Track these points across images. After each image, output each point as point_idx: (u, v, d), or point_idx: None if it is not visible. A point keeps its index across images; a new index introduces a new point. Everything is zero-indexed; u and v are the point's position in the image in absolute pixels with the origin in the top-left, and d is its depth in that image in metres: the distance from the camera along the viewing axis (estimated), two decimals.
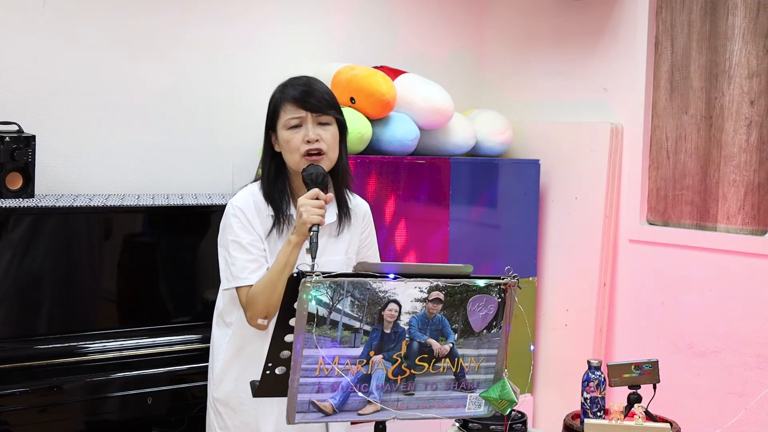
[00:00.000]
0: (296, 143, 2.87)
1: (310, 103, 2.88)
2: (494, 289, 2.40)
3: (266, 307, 2.82)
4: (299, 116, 2.89)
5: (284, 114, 2.91)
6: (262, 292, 2.82)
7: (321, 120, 2.90)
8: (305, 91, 2.91)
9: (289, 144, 2.89)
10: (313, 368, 2.24)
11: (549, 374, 4.91)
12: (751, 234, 4.27)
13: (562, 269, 4.87)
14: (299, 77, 2.99)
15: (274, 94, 2.98)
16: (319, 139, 2.87)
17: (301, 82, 2.95)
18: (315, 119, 2.89)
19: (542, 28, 5.05)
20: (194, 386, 3.66)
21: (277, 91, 2.97)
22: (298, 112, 2.89)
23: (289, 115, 2.90)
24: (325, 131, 2.90)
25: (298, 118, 2.89)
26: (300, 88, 2.92)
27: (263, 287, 2.82)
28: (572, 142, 4.83)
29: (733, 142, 4.33)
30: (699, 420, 4.15)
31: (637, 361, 3.69)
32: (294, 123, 2.89)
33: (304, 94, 2.90)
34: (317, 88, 2.93)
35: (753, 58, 4.24)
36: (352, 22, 4.81)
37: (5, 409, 3.30)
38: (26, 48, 3.87)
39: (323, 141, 2.88)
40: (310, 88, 2.92)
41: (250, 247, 2.89)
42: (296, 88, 2.92)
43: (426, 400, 2.40)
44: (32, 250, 3.53)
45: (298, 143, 2.87)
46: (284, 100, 2.92)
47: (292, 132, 2.89)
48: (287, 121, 2.90)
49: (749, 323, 4.20)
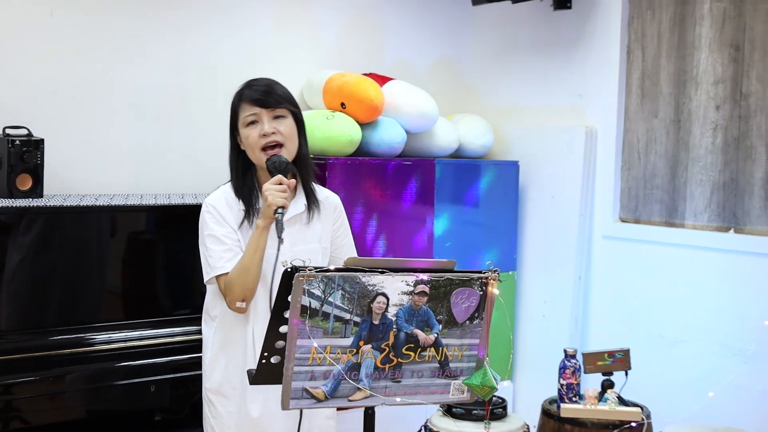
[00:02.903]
0: (254, 138, 2.91)
1: (263, 100, 2.92)
2: (476, 282, 2.40)
3: (243, 290, 2.86)
4: (254, 113, 2.92)
5: (242, 113, 2.95)
6: (237, 277, 2.86)
7: (276, 114, 2.93)
8: (259, 90, 2.95)
9: (248, 140, 2.93)
10: (306, 357, 2.24)
11: (528, 362, 4.92)
12: (716, 231, 4.28)
13: (540, 264, 4.88)
14: (255, 79, 3.03)
15: (234, 96, 3.01)
16: (275, 131, 2.91)
17: (255, 83, 2.99)
18: (270, 114, 2.92)
19: (521, 38, 5.05)
20: (194, 375, 3.64)
21: (235, 93, 3.01)
22: (253, 110, 2.92)
23: (245, 113, 2.94)
24: (281, 124, 2.93)
25: (253, 114, 2.92)
26: (254, 88, 2.96)
27: (238, 272, 2.86)
28: (549, 145, 4.83)
29: (700, 144, 4.34)
30: (668, 405, 4.15)
31: (610, 349, 3.70)
32: (250, 120, 2.92)
33: (257, 93, 2.94)
34: (270, 86, 2.97)
35: (718, 65, 4.25)
36: (342, 32, 4.80)
37: (17, 396, 3.30)
38: (35, 57, 3.86)
39: (279, 133, 2.91)
40: (263, 87, 2.96)
41: (224, 239, 2.92)
42: (251, 88, 2.96)
43: (412, 387, 2.40)
44: (42, 248, 3.52)
45: (255, 138, 2.90)
46: (241, 101, 2.96)
47: (249, 129, 2.93)
48: (244, 118, 2.94)
49: (715, 315, 4.21)
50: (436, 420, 3.71)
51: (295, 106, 3.00)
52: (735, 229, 4.22)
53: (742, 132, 4.18)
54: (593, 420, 3.58)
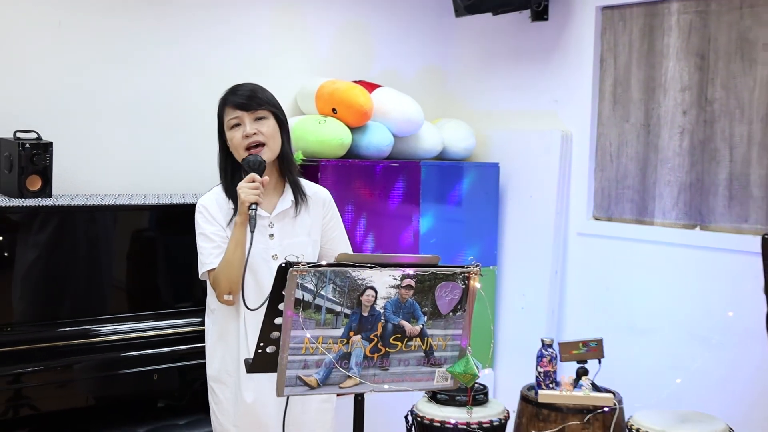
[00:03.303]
0: (238, 140, 2.91)
1: (244, 104, 2.92)
2: (459, 276, 2.41)
3: (228, 283, 2.87)
4: (237, 116, 2.92)
5: (226, 116, 2.95)
6: (221, 271, 2.88)
7: (257, 115, 2.93)
8: (240, 94, 2.94)
9: (232, 142, 2.93)
10: (300, 347, 2.25)
11: (507, 351, 4.92)
12: (684, 228, 4.29)
13: (519, 259, 4.89)
14: (238, 84, 3.02)
15: (219, 100, 3.00)
16: (256, 132, 2.90)
17: (238, 88, 2.98)
18: (251, 116, 2.92)
19: (501, 47, 5.06)
20: (195, 364, 3.65)
21: (220, 99, 3.00)
22: (235, 113, 2.92)
23: (228, 117, 2.94)
24: (262, 125, 2.92)
25: (236, 118, 2.92)
26: (237, 93, 2.96)
27: (222, 266, 2.88)
28: (528, 148, 4.83)
29: (668, 147, 4.35)
30: (639, 391, 4.17)
31: (584, 339, 3.71)
32: (234, 123, 2.93)
33: (239, 97, 2.94)
34: (251, 90, 2.97)
35: (685, 73, 4.27)
36: (334, 42, 4.80)
37: (28, 384, 3.29)
38: (44, 65, 3.85)
39: (261, 134, 2.91)
40: (245, 91, 2.96)
41: (213, 236, 2.94)
42: (234, 93, 2.96)
43: (399, 375, 2.41)
44: (51, 245, 3.51)
45: (239, 140, 2.91)
46: (224, 105, 2.97)
47: (233, 131, 2.93)
48: (228, 121, 2.94)
49: (682, 306, 4.23)
50: (421, 406, 3.72)
51: (276, 107, 3.00)
52: (701, 226, 4.24)
53: (707, 136, 4.20)
54: (569, 405, 3.59)
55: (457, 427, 3.59)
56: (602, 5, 4.56)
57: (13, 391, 3.27)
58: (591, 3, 4.59)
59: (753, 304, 3.61)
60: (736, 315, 4.00)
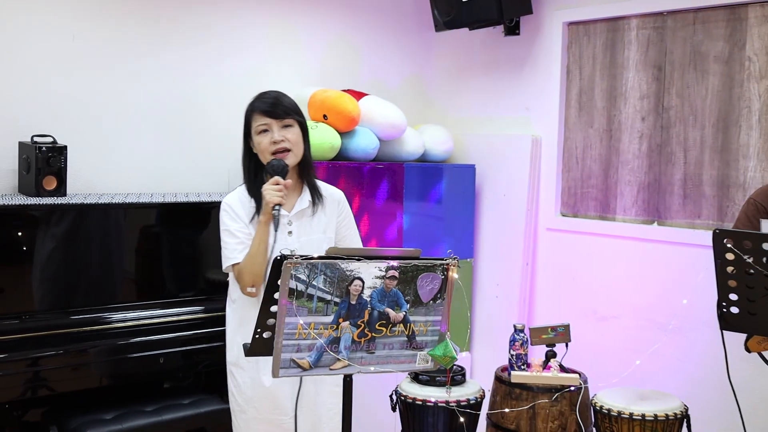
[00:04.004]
0: (265, 145, 2.89)
1: (273, 112, 2.89)
2: (439, 268, 2.41)
3: (251, 276, 2.84)
4: (265, 123, 2.89)
5: (254, 122, 2.92)
6: (245, 265, 2.85)
7: (285, 123, 2.90)
8: (270, 103, 2.91)
9: (260, 146, 2.91)
10: (293, 332, 2.24)
11: (483, 336, 4.93)
12: (642, 223, 4.31)
13: (493, 252, 4.89)
14: (267, 92, 2.99)
15: (247, 107, 2.97)
16: (283, 139, 2.88)
17: (267, 96, 2.95)
18: (279, 124, 2.89)
19: (477, 59, 5.06)
20: (198, 348, 3.65)
21: (249, 104, 2.97)
22: (264, 120, 2.89)
23: (257, 123, 2.91)
24: (289, 132, 2.90)
25: (264, 124, 2.89)
26: (266, 101, 2.93)
27: (246, 261, 2.85)
28: (501, 151, 4.84)
29: (628, 150, 4.36)
30: (602, 371, 4.18)
31: (553, 324, 3.72)
32: (262, 128, 2.90)
33: (269, 105, 2.91)
34: (280, 99, 2.94)
35: (644, 83, 4.28)
36: (324, 54, 4.79)
37: (46, 367, 3.28)
38: (59, 75, 3.83)
39: (287, 141, 2.89)
40: (274, 100, 2.93)
41: (237, 233, 2.91)
42: (263, 100, 2.93)
43: (384, 358, 2.40)
44: (66, 239, 3.49)
45: (266, 145, 2.88)
46: (254, 111, 2.94)
47: (261, 136, 2.90)
48: (257, 127, 2.91)
49: (642, 294, 4.25)
50: (405, 385, 3.72)
51: (301, 116, 2.97)
52: (658, 222, 4.25)
53: (664, 140, 4.21)
54: (539, 385, 3.60)
55: (437, 405, 3.59)
56: (568, 21, 4.57)
57: (32, 373, 3.26)
58: (558, 19, 4.59)
59: (705, 293, 3.63)
60: (689, 303, 4.01)
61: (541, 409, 3.56)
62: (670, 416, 3.46)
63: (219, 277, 3.91)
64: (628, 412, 3.46)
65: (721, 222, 4.01)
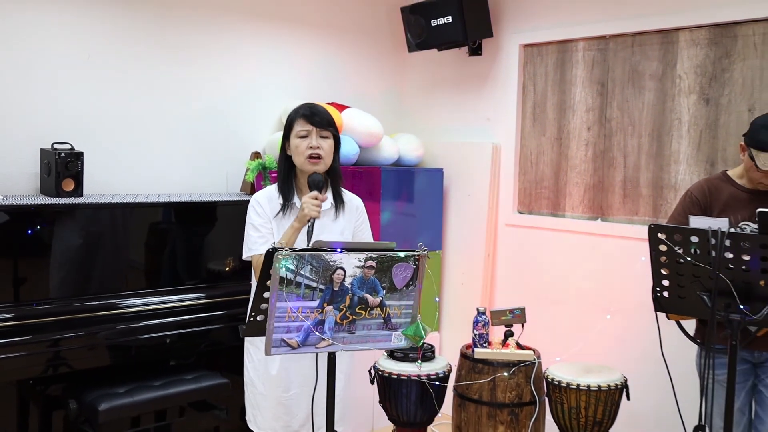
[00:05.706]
0: (303, 148, 2.82)
1: (315, 120, 2.84)
2: (411, 258, 2.42)
3: None
4: (307, 129, 2.83)
5: (297, 126, 2.85)
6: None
7: (322, 134, 2.84)
8: (313, 112, 2.86)
9: (298, 148, 2.83)
10: (284, 315, 2.24)
11: (450, 318, 4.94)
12: (588, 219, 4.33)
13: (459, 245, 4.90)
14: (311, 103, 2.94)
15: (290, 113, 2.92)
16: (319, 147, 2.83)
17: (311, 105, 2.90)
18: (318, 132, 2.84)
19: (445, 75, 5.06)
20: (199, 330, 3.63)
21: (293, 110, 2.91)
22: (306, 126, 2.83)
23: (299, 128, 2.84)
24: (324, 142, 2.84)
25: (306, 130, 2.83)
26: (310, 109, 2.87)
27: None
28: (466, 156, 4.84)
29: (576, 156, 4.39)
30: (553, 349, 4.20)
31: (510, 308, 3.73)
32: (303, 134, 2.83)
33: (312, 114, 2.85)
34: (322, 112, 2.89)
35: (589, 98, 4.30)
36: (311, 71, 4.78)
37: (65, 347, 3.26)
38: (76, 89, 3.80)
39: (322, 149, 2.83)
40: (317, 110, 2.87)
41: (260, 227, 2.86)
42: (307, 109, 2.88)
43: (363, 337, 2.40)
44: (82, 234, 3.47)
45: (304, 148, 2.82)
46: (297, 117, 2.87)
47: (301, 140, 2.83)
48: (298, 131, 2.84)
49: (588, 281, 4.27)
50: (382, 362, 3.72)
51: (336, 131, 2.90)
52: (601, 218, 4.27)
53: (606, 147, 4.24)
54: (498, 360, 3.61)
55: (410, 378, 3.60)
56: (524, 43, 4.58)
57: (53, 353, 3.23)
58: (515, 41, 4.60)
59: (642, 280, 3.65)
60: (629, 288, 4.04)
61: (500, 381, 3.57)
62: (611, 386, 3.49)
63: (219, 267, 3.90)
64: (575, 384, 3.49)
65: (656, 218, 4.04)
